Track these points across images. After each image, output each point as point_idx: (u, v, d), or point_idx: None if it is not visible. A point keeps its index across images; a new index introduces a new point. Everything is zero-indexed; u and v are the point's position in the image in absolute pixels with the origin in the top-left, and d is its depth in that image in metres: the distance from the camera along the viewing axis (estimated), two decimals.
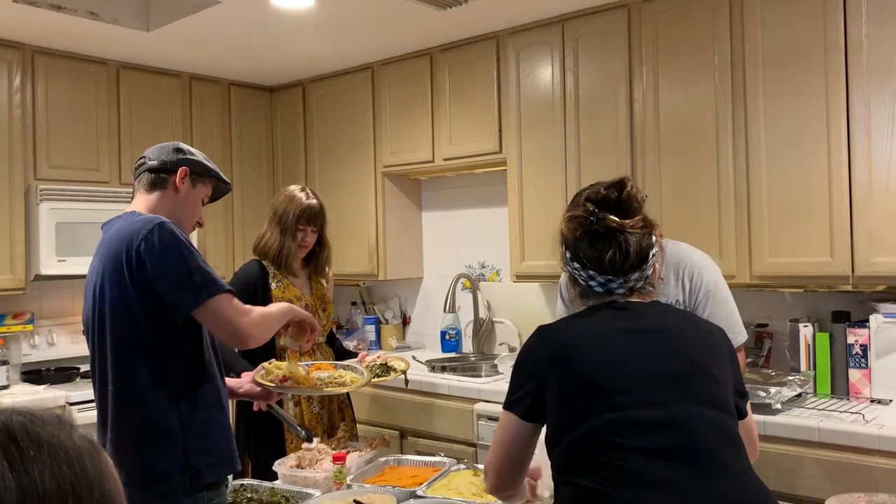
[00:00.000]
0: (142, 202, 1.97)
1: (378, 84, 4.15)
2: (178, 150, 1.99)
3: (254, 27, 3.54)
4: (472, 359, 3.83)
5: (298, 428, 2.51)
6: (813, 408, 2.63)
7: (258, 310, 1.98)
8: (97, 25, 3.41)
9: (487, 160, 3.73)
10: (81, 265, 3.69)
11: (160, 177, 1.96)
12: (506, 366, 3.38)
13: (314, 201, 2.94)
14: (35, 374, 3.75)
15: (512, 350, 3.87)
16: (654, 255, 1.48)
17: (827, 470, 2.40)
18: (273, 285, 2.90)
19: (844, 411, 2.56)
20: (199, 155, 2.04)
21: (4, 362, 3.57)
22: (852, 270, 2.62)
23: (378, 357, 2.77)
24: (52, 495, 0.65)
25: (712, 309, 2.18)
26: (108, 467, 0.71)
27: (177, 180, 1.95)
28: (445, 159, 3.86)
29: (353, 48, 3.94)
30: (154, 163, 1.96)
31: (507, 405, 1.49)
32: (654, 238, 1.48)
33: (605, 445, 1.30)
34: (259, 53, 3.99)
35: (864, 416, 2.47)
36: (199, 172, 2.00)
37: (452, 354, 3.97)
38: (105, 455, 0.72)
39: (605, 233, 1.45)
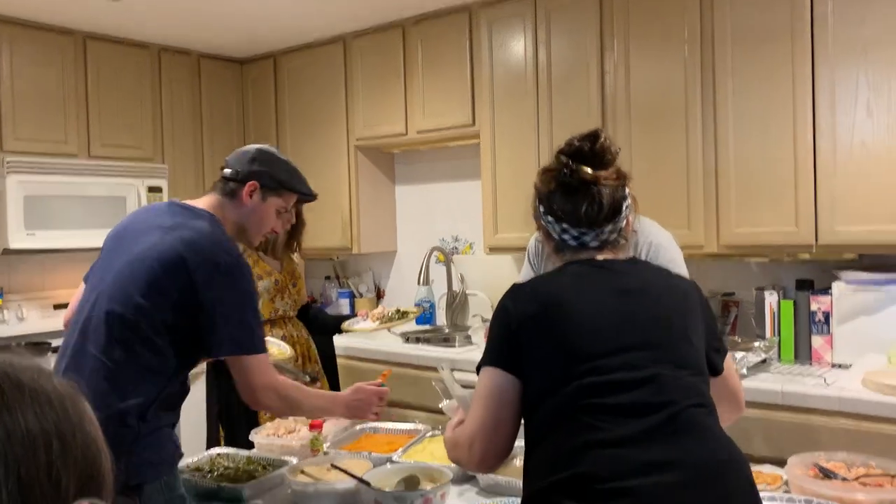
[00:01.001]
0: (209, 202, 1.93)
1: (350, 56, 4.13)
2: (254, 161, 1.94)
3: None
4: (446, 330, 3.87)
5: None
6: (777, 372, 2.72)
7: (296, 394, 1.91)
8: None
9: (461, 133, 3.74)
10: (52, 239, 3.67)
11: (231, 186, 1.93)
12: (479, 336, 3.42)
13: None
14: (5, 350, 3.72)
15: (485, 321, 3.92)
16: (627, 207, 1.47)
17: (790, 431, 2.49)
18: None
19: (807, 375, 2.65)
20: (276, 164, 1.98)
21: None
22: (816, 239, 2.69)
23: (384, 309, 2.79)
24: (37, 436, 0.66)
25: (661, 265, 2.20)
26: (87, 410, 0.73)
27: (244, 194, 1.92)
28: (419, 132, 3.86)
29: (325, 19, 3.91)
30: (228, 171, 1.94)
31: (487, 361, 1.43)
32: (627, 190, 1.48)
33: (586, 408, 1.31)
34: (229, 24, 3.95)
35: (825, 379, 2.56)
36: (270, 186, 1.95)
37: (426, 326, 4.01)
38: (83, 399, 0.73)
39: (578, 185, 1.44)
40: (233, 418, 2.81)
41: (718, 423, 1.40)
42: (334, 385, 3.17)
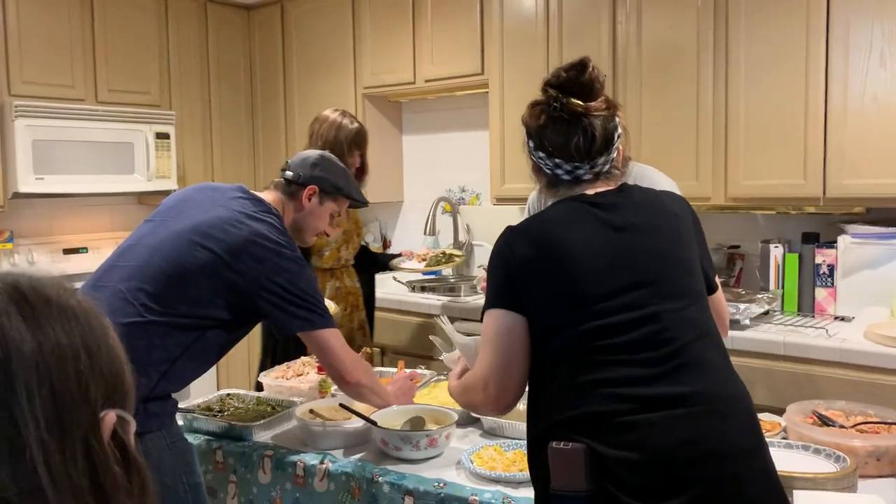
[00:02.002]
0: (273, 198, 2.01)
1: (358, 3, 4.07)
2: (315, 166, 2.04)
3: None
4: (452, 280, 3.90)
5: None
6: (780, 324, 2.74)
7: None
8: None
9: (469, 82, 3.71)
10: (60, 183, 3.69)
11: (292, 188, 2.02)
12: (484, 286, 3.45)
13: (358, 125, 2.93)
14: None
15: None
16: (618, 137, 1.45)
17: (790, 381, 2.52)
18: None
19: (809, 327, 2.67)
20: (335, 170, 2.07)
21: None
22: (824, 192, 2.69)
23: (428, 250, 2.93)
24: (66, 348, 0.69)
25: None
26: (109, 326, 0.75)
27: (304, 196, 2.02)
28: (427, 80, 3.83)
29: None
30: (290, 174, 2.03)
31: (491, 303, 1.42)
32: (617, 119, 1.44)
33: (591, 349, 1.33)
34: None
35: (827, 331, 2.58)
36: (328, 191, 2.05)
37: (432, 276, 4.03)
38: (104, 315, 0.76)
39: (569, 118, 1.40)
40: (288, 358, 2.79)
41: (723, 353, 1.41)
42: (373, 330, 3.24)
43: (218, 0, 4.45)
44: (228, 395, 2.32)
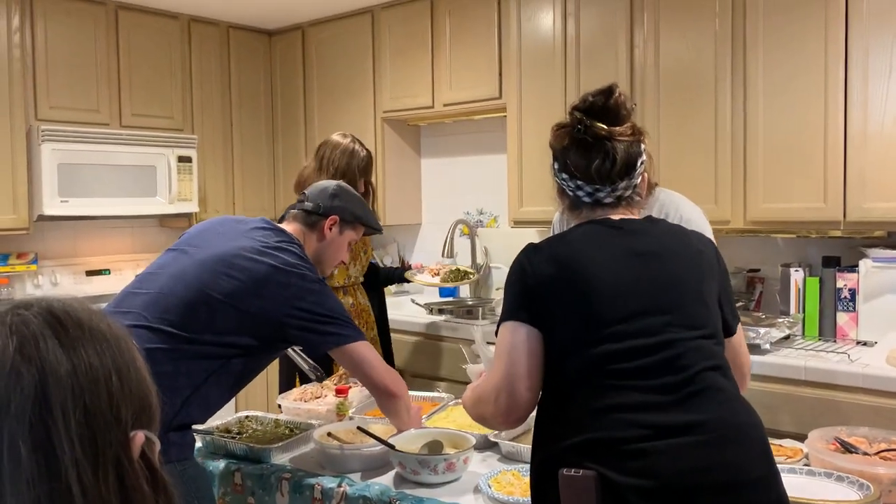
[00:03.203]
0: (294, 229, 2.05)
1: (378, 28, 4.13)
2: (334, 196, 2.08)
3: None
4: (470, 303, 3.90)
5: (310, 371, 2.46)
6: (801, 348, 2.72)
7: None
8: None
9: (487, 106, 3.74)
10: (84, 206, 3.74)
11: (312, 219, 2.06)
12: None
13: (367, 151, 3.02)
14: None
15: None
16: (642, 164, 1.46)
17: (812, 407, 2.49)
18: None
19: (831, 352, 2.65)
20: (352, 200, 2.12)
21: (10, 300, 3.62)
22: (844, 216, 2.67)
23: (441, 265, 3.04)
24: (98, 370, 0.72)
25: None
26: (136, 350, 0.78)
27: (325, 227, 2.05)
28: (445, 105, 3.87)
29: None
30: (310, 205, 2.06)
31: (507, 316, 1.42)
32: (642, 146, 1.46)
33: (605, 373, 1.33)
34: None
35: (849, 356, 2.56)
36: (348, 220, 2.09)
37: (450, 299, 4.04)
38: (131, 338, 0.79)
39: (593, 141, 1.42)
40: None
41: (734, 383, 1.41)
42: (387, 348, 3.25)
43: (240, 26, 4.53)
44: (247, 416, 2.33)
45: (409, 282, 3.46)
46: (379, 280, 3.31)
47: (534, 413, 1.46)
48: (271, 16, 4.40)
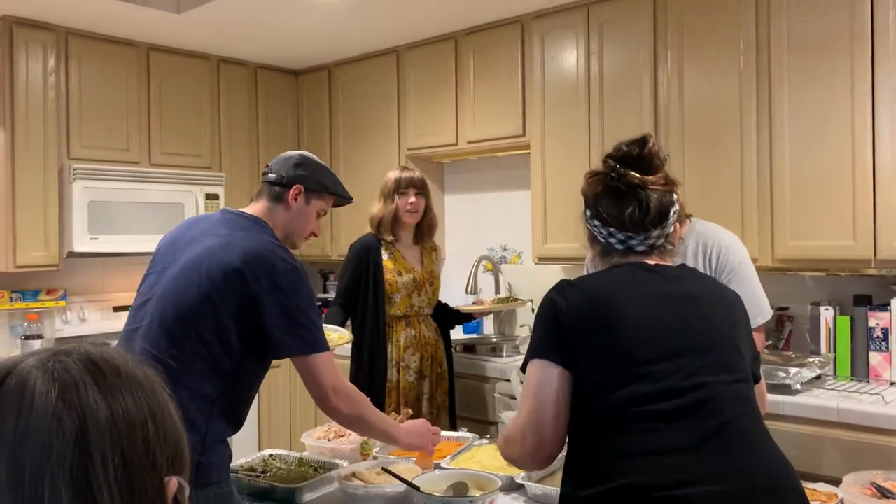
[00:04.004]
0: (260, 208, 2.01)
1: (403, 67, 4.19)
2: (298, 165, 2.02)
3: (282, 10, 3.60)
4: (494, 339, 3.88)
5: None
6: (833, 389, 2.66)
7: (365, 402, 1.95)
8: (129, 8, 3.48)
9: (511, 143, 3.76)
10: (113, 243, 3.80)
11: (277, 190, 2.00)
12: (526, 347, 3.43)
13: (413, 173, 3.18)
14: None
15: None
16: (674, 213, 1.46)
17: (845, 450, 2.43)
18: (385, 256, 3.14)
19: (864, 393, 2.59)
20: (317, 169, 2.05)
21: (39, 336, 3.67)
22: (874, 254, 2.64)
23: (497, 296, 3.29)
24: (135, 416, 0.73)
25: (737, 287, 2.21)
26: (167, 393, 0.80)
27: (290, 197, 2.00)
28: (469, 142, 3.90)
29: (379, 32, 3.98)
30: (273, 176, 2.01)
31: (535, 354, 1.41)
32: (675, 196, 1.46)
33: (637, 415, 1.31)
34: (287, 37, 4.05)
35: (883, 397, 2.50)
36: (313, 189, 2.02)
37: (474, 335, 4.02)
38: (164, 383, 0.80)
39: (626, 189, 1.43)
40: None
41: (768, 432, 1.39)
42: (451, 388, 3.30)
43: (268, 66, 4.61)
44: (271, 455, 2.33)
45: (466, 317, 3.53)
46: (444, 319, 3.37)
47: (563, 453, 1.44)
48: (298, 56, 4.48)
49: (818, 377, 2.73)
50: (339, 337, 2.52)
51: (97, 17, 3.64)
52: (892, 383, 2.70)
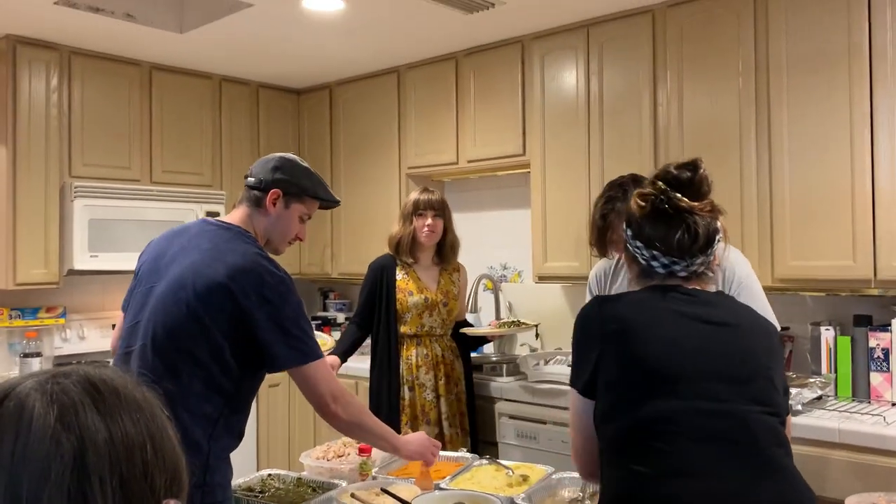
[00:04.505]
0: (239, 216, 1.97)
1: (403, 87, 4.21)
2: (276, 169, 1.96)
3: (284, 30, 3.62)
4: (494, 359, 3.86)
5: None
6: (834, 409, 2.65)
7: (362, 408, 1.97)
8: (132, 27, 3.51)
9: (511, 162, 3.77)
10: (113, 261, 3.80)
11: (256, 195, 1.96)
12: (527, 366, 3.42)
13: (431, 195, 3.17)
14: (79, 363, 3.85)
15: (533, 350, 3.91)
16: (718, 241, 1.47)
17: (847, 471, 2.42)
18: (399, 275, 3.16)
19: (865, 413, 2.58)
20: (297, 172, 1.99)
21: (38, 354, 3.66)
22: (875, 274, 2.64)
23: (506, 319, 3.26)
24: (134, 438, 0.73)
25: (747, 301, 2.19)
26: (166, 416, 0.80)
27: (268, 202, 1.95)
28: (469, 161, 3.91)
29: (381, 51, 4.00)
30: (252, 180, 1.97)
31: (571, 381, 1.49)
32: (719, 224, 1.47)
33: (665, 433, 1.31)
34: (288, 56, 4.07)
35: (884, 418, 2.49)
36: (293, 193, 1.96)
37: (474, 355, 4.01)
38: (162, 405, 0.80)
39: (673, 213, 1.44)
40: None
41: (794, 465, 1.39)
42: (471, 407, 3.26)
43: (269, 85, 4.64)
44: (269, 475, 2.31)
45: (480, 340, 3.50)
46: (460, 342, 3.32)
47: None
48: (300, 75, 4.51)
49: (819, 398, 2.72)
50: (322, 342, 2.52)
51: (100, 37, 3.67)
52: (893, 404, 2.69)
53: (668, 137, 3.15)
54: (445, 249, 3.22)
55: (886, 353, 2.74)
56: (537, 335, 3.86)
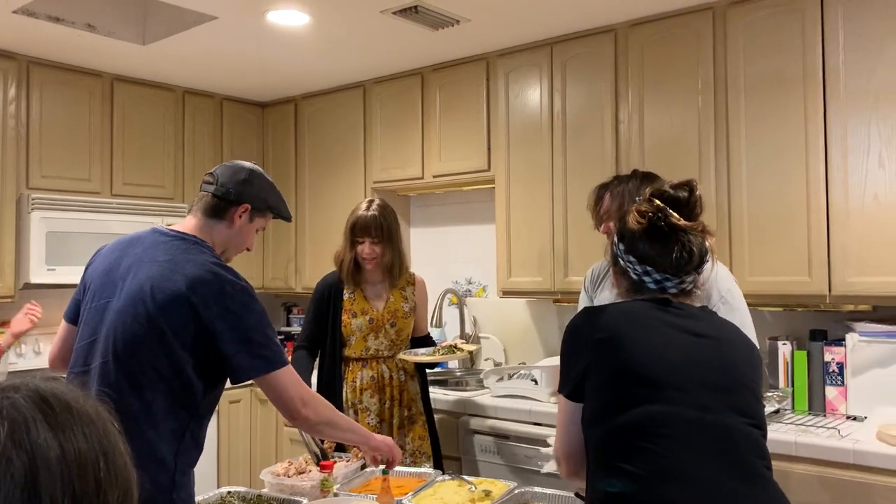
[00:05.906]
0: (194, 224, 1.92)
1: (370, 102, 4.22)
2: (247, 182, 1.92)
3: (249, 43, 3.60)
4: (458, 373, 3.87)
5: (317, 452, 2.32)
6: (791, 423, 2.70)
7: (330, 407, 1.94)
8: (93, 38, 3.46)
9: (476, 178, 3.79)
10: (71, 274, 3.72)
11: (221, 205, 1.91)
12: (490, 381, 3.42)
13: (371, 213, 2.92)
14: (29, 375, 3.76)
15: (497, 364, 3.92)
16: (708, 259, 1.52)
17: (803, 483, 2.46)
18: (345, 295, 2.99)
19: (821, 427, 2.63)
20: (266, 187, 1.97)
21: None
22: (829, 290, 2.69)
23: (444, 343, 3.05)
24: (86, 454, 0.71)
25: (728, 315, 2.20)
26: (118, 430, 0.78)
27: (235, 215, 1.92)
28: (435, 176, 3.92)
29: (347, 66, 4.01)
30: (218, 189, 1.91)
31: (560, 388, 1.53)
32: (707, 243, 1.51)
33: (653, 435, 1.33)
34: (253, 69, 4.05)
35: (839, 431, 2.54)
36: (259, 208, 1.95)
37: (438, 369, 4.00)
38: (113, 419, 0.78)
39: (668, 231, 1.47)
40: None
41: (773, 477, 1.42)
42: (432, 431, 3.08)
43: (234, 98, 4.61)
44: (229, 492, 2.28)
45: (430, 365, 3.25)
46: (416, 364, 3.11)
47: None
48: (265, 89, 4.49)
49: (777, 411, 2.76)
50: None
51: (60, 47, 3.62)
52: (847, 417, 2.75)
53: (629, 154, 3.19)
54: (393, 270, 3.00)
55: (841, 367, 2.80)
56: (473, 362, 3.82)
